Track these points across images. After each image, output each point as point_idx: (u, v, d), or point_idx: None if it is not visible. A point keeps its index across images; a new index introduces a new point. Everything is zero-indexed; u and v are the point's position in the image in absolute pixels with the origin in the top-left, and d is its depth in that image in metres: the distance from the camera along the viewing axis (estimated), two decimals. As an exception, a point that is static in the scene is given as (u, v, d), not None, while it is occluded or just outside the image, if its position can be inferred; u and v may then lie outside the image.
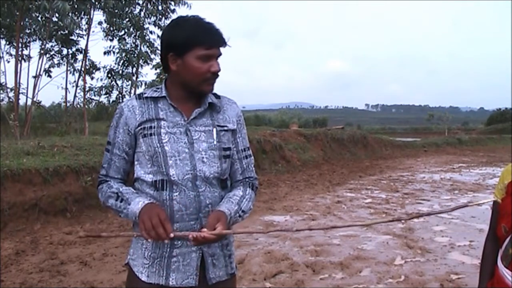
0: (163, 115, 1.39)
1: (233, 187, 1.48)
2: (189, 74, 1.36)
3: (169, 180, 1.34)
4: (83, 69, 14.92)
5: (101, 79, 15.87)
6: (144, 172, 1.38)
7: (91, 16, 14.37)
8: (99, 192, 1.44)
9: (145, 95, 1.42)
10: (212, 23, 1.37)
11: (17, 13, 12.06)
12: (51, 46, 14.87)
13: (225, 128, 1.44)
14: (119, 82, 16.02)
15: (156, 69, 16.34)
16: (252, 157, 1.54)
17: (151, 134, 1.36)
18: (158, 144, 1.35)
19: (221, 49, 1.39)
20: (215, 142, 1.40)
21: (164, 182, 1.35)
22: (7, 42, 13.94)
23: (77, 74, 15.39)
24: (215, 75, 1.37)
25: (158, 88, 1.44)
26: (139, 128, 1.37)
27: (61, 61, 15.16)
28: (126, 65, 15.61)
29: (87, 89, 15.34)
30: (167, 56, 1.37)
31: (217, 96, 1.48)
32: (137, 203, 1.33)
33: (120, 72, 15.70)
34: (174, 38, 1.35)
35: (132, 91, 15.89)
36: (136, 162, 1.42)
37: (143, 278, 1.36)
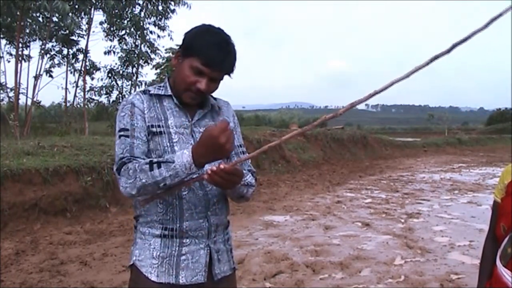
0: (170, 113, 1.39)
1: None
2: (178, 77, 1.37)
3: None
4: (83, 69, 14.93)
5: (101, 79, 15.90)
6: None
7: (92, 16, 14.40)
8: (124, 173, 1.25)
9: (150, 92, 1.42)
10: (227, 46, 1.34)
11: (18, 13, 12.06)
12: (52, 46, 14.89)
13: None
14: (119, 82, 16.04)
15: (156, 69, 16.35)
16: (248, 154, 1.55)
17: (160, 133, 1.36)
18: (168, 144, 1.35)
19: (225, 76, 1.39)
20: None
21: None
22: (8, 42, 13.95)
23: (77, 74, 15.41)
24: (199, 92, 1.35)
25: (161, 86, 1.44)
26: (148, 124, 1.36)
27: (61, 61, 15.17)
28: (126, 65, 15.63)
29: (87, 89, 15.36)
30: (178, 51, 1.40)
31: (213, 98, 1.51)
32: (182, 153, 1.21)
33: (121, 72, 15.72)
34: (187, 38, 1.37)
35: (132, 91, 15.89)
36: None
37: (153, 278, 1.36)
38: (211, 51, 1.31)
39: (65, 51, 15.20)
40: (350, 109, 0.96)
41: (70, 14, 12.43)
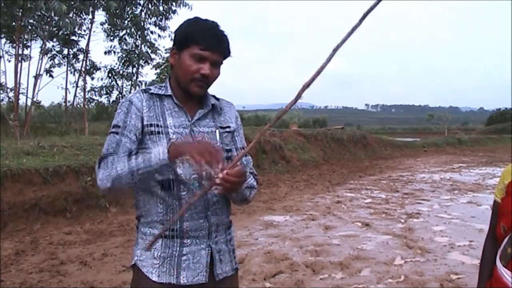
0: (169, 114, 1.40)
1: None
2: (181, 71, 1.38)
3: (176, 180, 1.34)
4: (83, 69, 14.92)
5: (102, 79, 15.88)
6: None
7: (93, 16, 14.38)
8: (103, 165, 1.29)
9: (151, 91, 1.43)
10: (219, 30, 1.38)
11: (18, 13, 12.05)
12: (52, 46, 14.87)
13: (227, 129, 1.47)
14: (119, 82, 16.03)
15: (156, 69, 16.33)
16: (250, 157, 1.55)
17: (158, 132, 1.36)
18: (166, 143, 1.35)
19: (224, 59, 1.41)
20: (218, 143, 1.42)
21: (171, 181, 1.35)
22: (8, 41, 13.92)
23: (77, 74, 15.39)
24: (205, 78, 1.37)
25: (162, 86, 1.45)
26: (147, 123, 1.37)
27: (61, 61, 15.16)
28: (126, 65, 15.61)
29: (87, 89, 15.34)
30: (172, 49, 1.42)
31: (216, 98, 1.51)
32: (160, 145, 1.29)
33: (121, 72, 15.71)
34: (178, 33, 1.40)
35: (132, 91, 15.83)
36: None
37: (154, 278, 1.36)
38: (207, 35, 1.35)
39: (65, 51, 15.19)
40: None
41: (71, 14, 12.41)
